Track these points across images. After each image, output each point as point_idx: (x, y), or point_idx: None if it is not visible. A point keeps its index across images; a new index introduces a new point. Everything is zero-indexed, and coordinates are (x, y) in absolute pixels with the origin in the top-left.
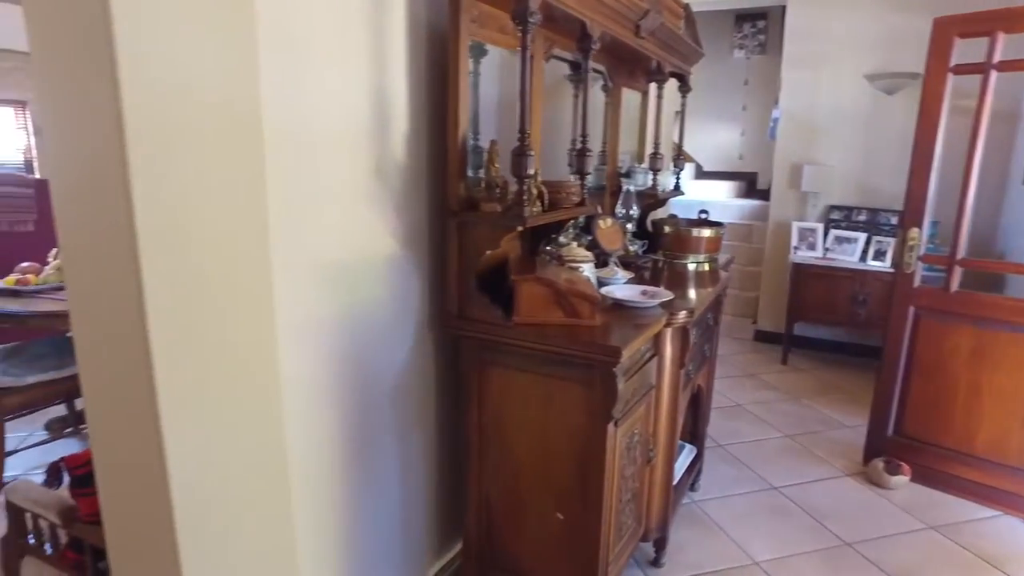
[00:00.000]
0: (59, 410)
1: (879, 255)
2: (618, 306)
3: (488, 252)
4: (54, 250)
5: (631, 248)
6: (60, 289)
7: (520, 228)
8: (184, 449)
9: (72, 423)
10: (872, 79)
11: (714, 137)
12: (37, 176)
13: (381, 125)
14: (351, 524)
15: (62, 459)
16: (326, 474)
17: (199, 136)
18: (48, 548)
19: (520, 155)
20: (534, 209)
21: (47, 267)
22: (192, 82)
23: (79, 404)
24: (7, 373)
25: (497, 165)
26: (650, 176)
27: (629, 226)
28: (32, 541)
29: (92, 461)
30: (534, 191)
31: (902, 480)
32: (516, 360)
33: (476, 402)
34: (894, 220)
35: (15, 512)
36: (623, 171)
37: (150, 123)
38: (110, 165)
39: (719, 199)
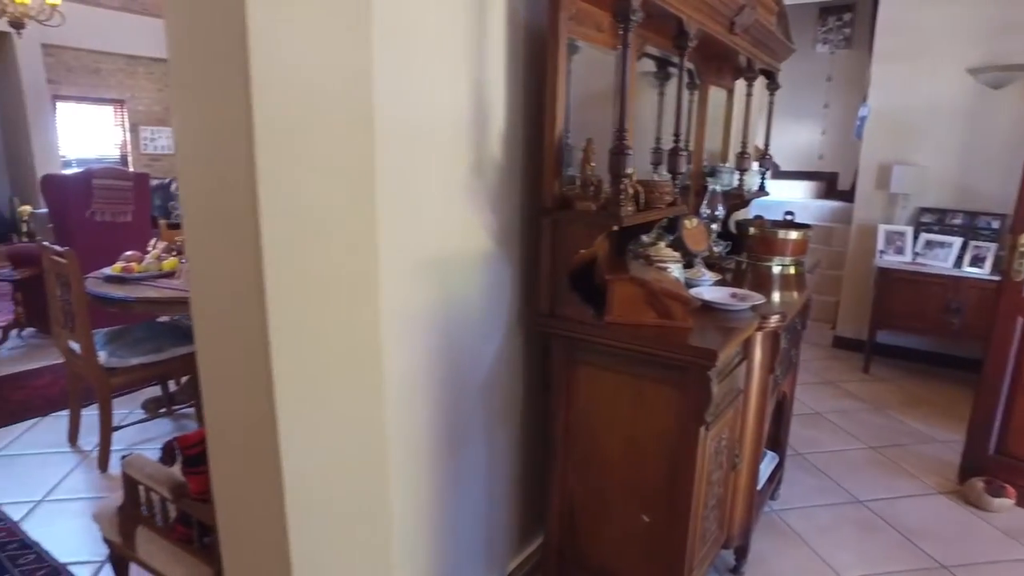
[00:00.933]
0: (155, 391)
1: (977, 261)
2: (707, 308)
3: (581, 251)
4: (153, 240)
5: (715, 249)
6: (160, 277)
7: (615, 228)
8: (296, 436)
9: (166, 403)
10: (976, 73)
11: (793, 136)
12: (131, 170)
13: (480, 122)
14: (439, 516)
15: (175, 439)
16: (418, 466)
17: (318, 132)
18: (159, 520)
19: (618, 154)
20: (629, 208)
21: (147, 256)
22: (314, 79)
23: (172, 386)
24: (113, 355)
25: (593, 163)
26: (736, 176)
27: (714, 227)
28: (145, 512)
29: (203, 442)
30: (630, 190)
31: (1006, 503)
32: (606, 359)
33: (564, 400)
34: (995, 224)
35: (130, 484)
36: (707, 170)
37: (276, 119)
38: (238, 161)
39: (797, 199)
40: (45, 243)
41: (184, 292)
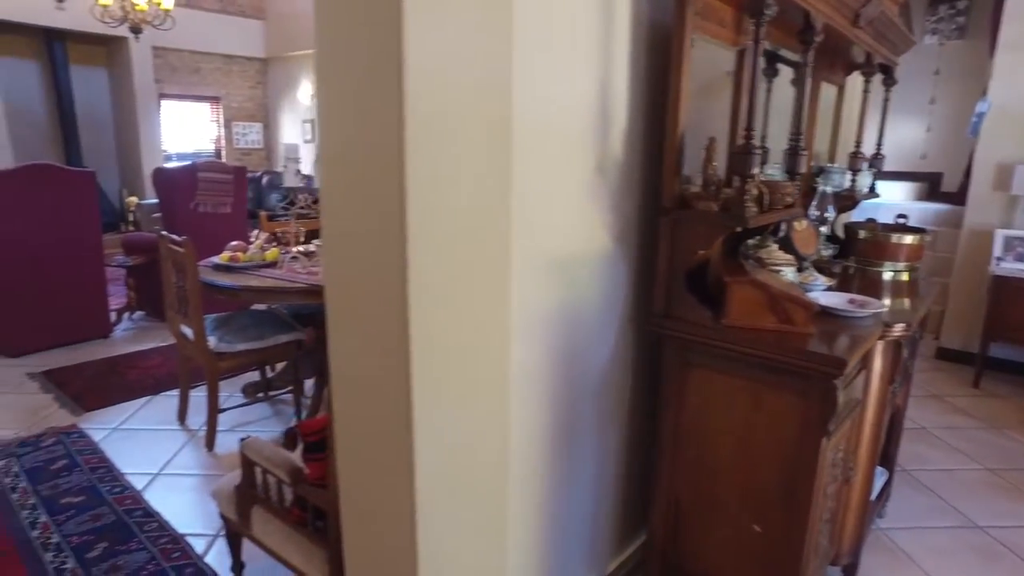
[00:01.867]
0: (253, 375)
1: None
2: (824, 314)
3: (700, 252)
4: (255, 231)
5: (823, 252)
6: (263, 267)
7: (739, 229)
8: (430, 427)
9: (263, 388)
10: None
11: (894, 134)
12: (230, 164)
13: (603, 121)
14: (549, 512)
15: (298, 425)
16: (533, 461)
17: (463, 132)
18: (274, 501)
19: (745, 153)
20: (754, 210)
21: (251, 247)
22: (462, 79)
23: (268, 371)
24: (222, 340)
25: (715, 163)
26: (848, 176)
27: (822, 229)
28: (261, 493)
29: (324, 430)
30: (755, 191)
31: None
32: (722, 363)
33: (675, 402)
34: None
35: (248, 465)
36: (815, 170)
37: (426, 119)
38: (388, 160)
39: (896, 201)
40: (163, 232)
41: (287, 282)
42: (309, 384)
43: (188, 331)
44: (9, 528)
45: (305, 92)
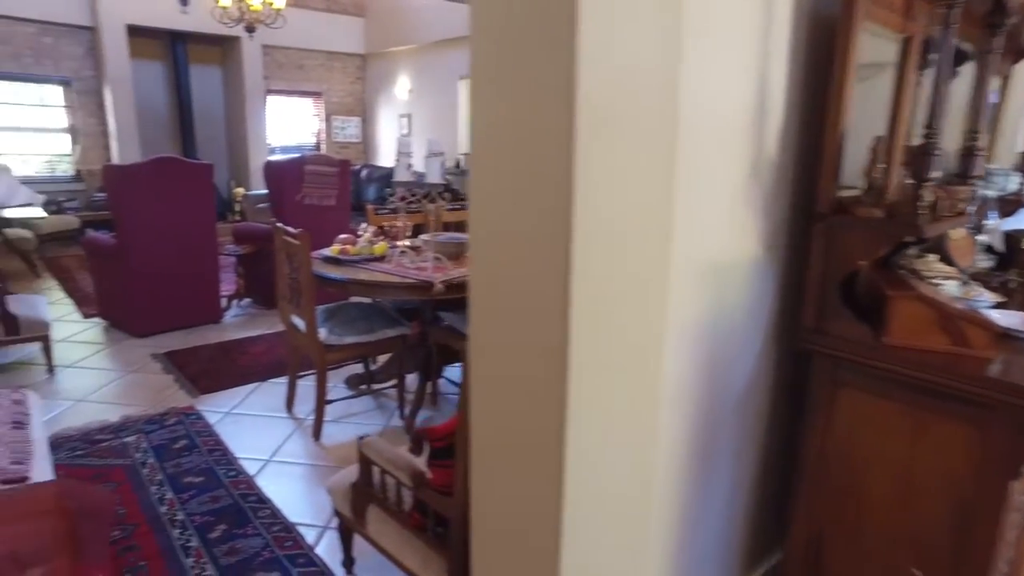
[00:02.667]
0: (357, 367)
1: None
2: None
3: (860, 262)
4: (363, 224)
5: (979, 264)
6: (371, 260)
7: (909, 239)
8: (580, 438)
9: (367, 380)
10: None
11: None
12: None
13: (761, 119)
14: (684, 528)
15: (425, 430)
16: (673, 474)
17: (631, 131)
18: (392, 503)
19: (926, 154)
20: (928, 217)
21: (360, 240)
22: (635, 76)
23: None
24: (332, 332)
25: (881, 165)
26: (1015, 179)
27: (981, 238)
28: (379, 493)
29: (452, 436)
30: (930, 196)
31: None
32: (879, 385)
33: (822, 426)
34: None
35: (366, 464)
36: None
37: (596, 116)
38: (553, 151)
39: None
40: (279, 224)
41: (396, 276)
42: (411, 379)
43: (299, 322)
44: (141, 503)
45: (402, 87)
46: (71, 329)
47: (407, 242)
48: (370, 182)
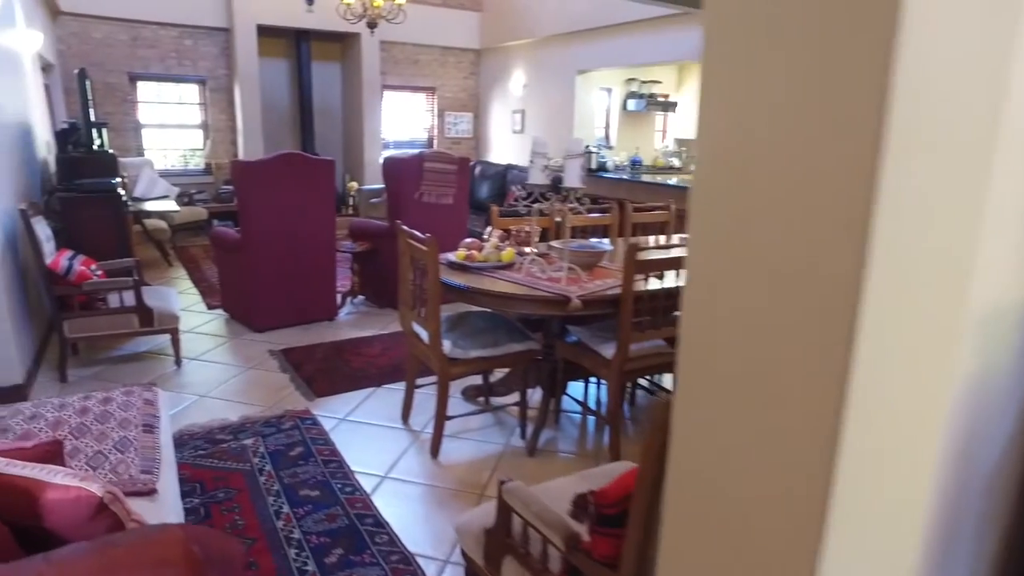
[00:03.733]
0: (475, 378)
1: None
2: None
3: None
4: (489, 228)
5: None
6: (498, 268)
7: None
8: (843, 516)
9: (485, 392)
10: None
11: None
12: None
13: None
14: None
15: (591, 493)
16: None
17: (946, 131)
18: (536, 561)
19: None
20: None
21: (486, 245)
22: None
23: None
24: (456, 345)
25: None
26: None
27: None
28: (519, 546)
29: (626, 502)
30: None
31: None
32: None
33: None
34: None
35: (506, 511)
36: None
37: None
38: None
39: None
40: (403, 226)
41: (528, 288)
42: (525, 393)
43: (421, 331)
44: (259, 515)
45: (516, 82)
46: (196, 320)
47: (536, 249)
48: (483, 179)
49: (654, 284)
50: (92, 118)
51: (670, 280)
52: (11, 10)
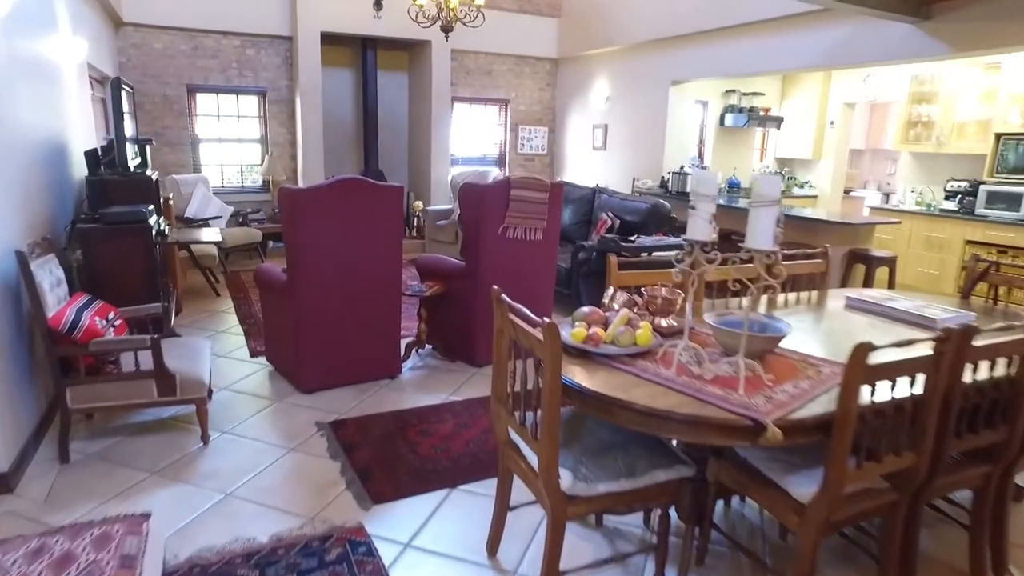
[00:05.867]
0: None
1: None
2: None
3: None
4: (611, 290)
5: None
6: (635, 355)
7: None
8: None
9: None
10: None
11: None
12: (506, 171)
13: None
14: None
15: None
16: None
17: None
18: None
19: None
20: None
21: (612, 318)
22: None
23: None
24: (578, 476)
25: None
26: None
27: None
28: None
29: None
30: None
31: None
32: None
33: None
34: None
35: None
36: None
37: None
38: None
39: None
40: (503, 296)
41: (687, 395)
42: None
43: (526, 449)
44: None
45: (598, 94)
46: (235, 372)
47: (672, 319)
48: (565, 203)
49: (882, 389)
50: (129, 134)
51: (903, 385)
52: (51, 14)
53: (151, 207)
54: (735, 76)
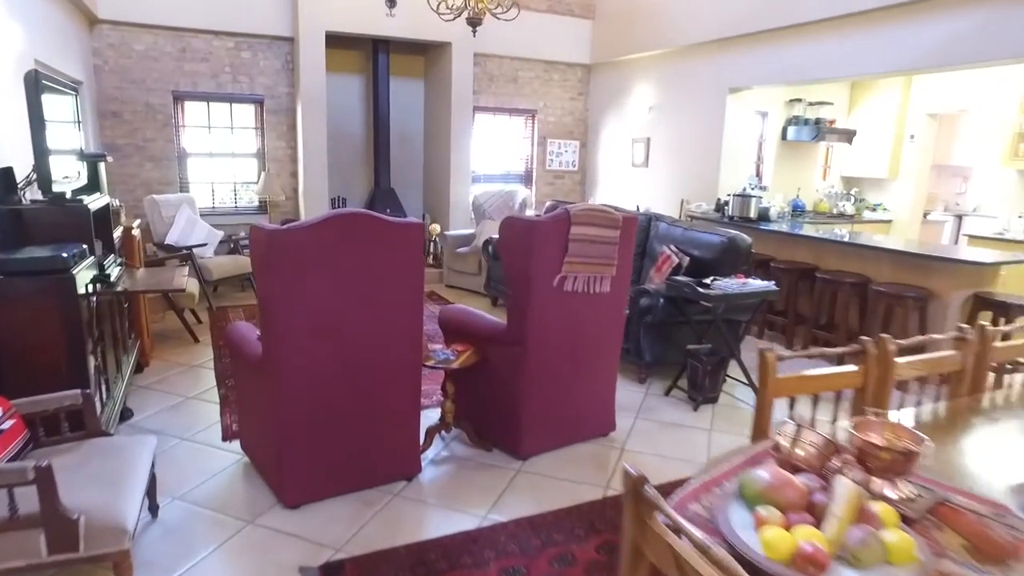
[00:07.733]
0: None
1: None
2: None
3: None
4: (790, 424)
5: None
6: None
7: None
8: None
9: None
10: None
11: None
12: (532, 190)
13: None
14: None
15: None
16: None
17: None
18: None
19: None
20: None
21: (831, 505)
22: None
23: None
24: None
25: None
26: None
27: None
28: None
29: None
30: None
31: None
32: None
33: None
34: None
35: None
36: None
37: None
38: None
39: None
40: (647, 485)
41: None
42: None
43: None
44: None
45: (638, 104)
46: (198, 467)
47: (906, 489)
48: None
49: None
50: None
51: None
52: None
53: (84, 247)
54: (803, 83)
